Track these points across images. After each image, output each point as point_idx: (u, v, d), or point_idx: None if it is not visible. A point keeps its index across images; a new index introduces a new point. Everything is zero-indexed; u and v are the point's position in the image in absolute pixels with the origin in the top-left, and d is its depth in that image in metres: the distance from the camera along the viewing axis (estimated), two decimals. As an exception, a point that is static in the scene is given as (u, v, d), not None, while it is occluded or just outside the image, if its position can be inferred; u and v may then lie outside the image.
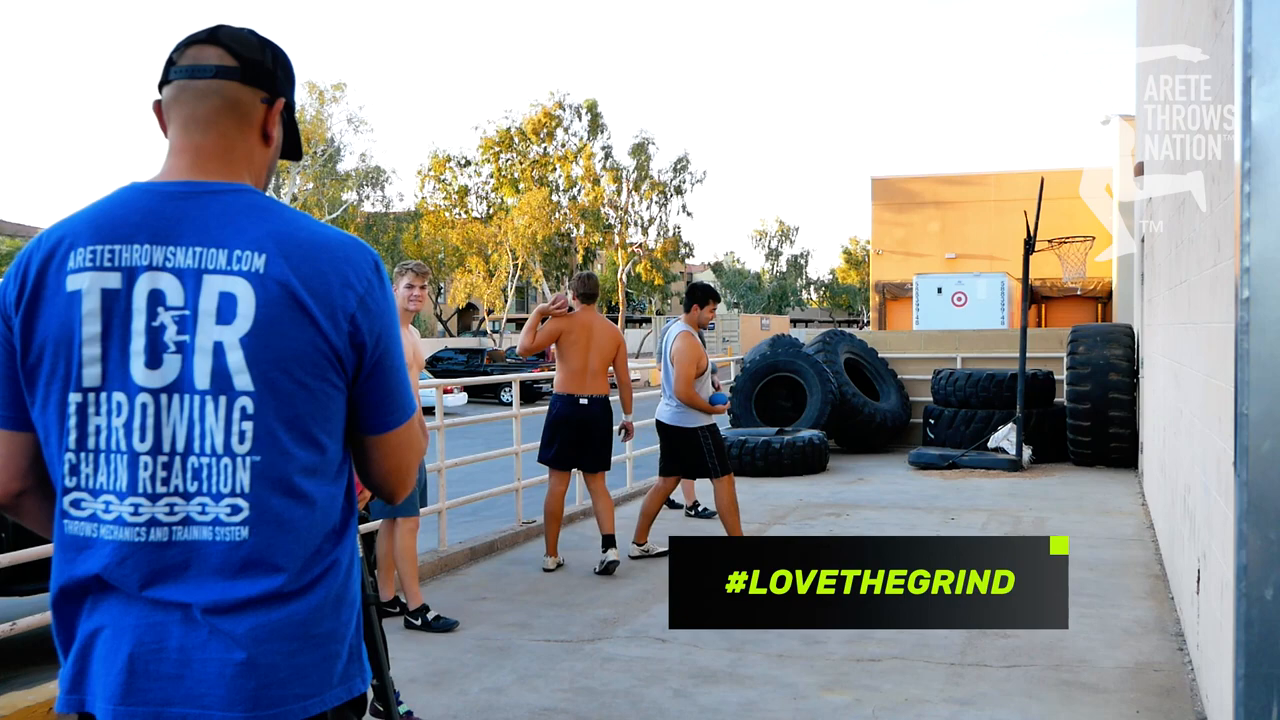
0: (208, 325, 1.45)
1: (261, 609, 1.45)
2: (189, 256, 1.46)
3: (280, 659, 1.45)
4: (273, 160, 1.64)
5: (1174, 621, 5.31)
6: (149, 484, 1.45)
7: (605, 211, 42.61)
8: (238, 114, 1.56)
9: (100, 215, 1.51)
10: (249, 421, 1.45)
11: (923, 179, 31.62)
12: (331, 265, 1.49)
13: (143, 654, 1.45)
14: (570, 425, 6.58)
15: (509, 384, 10.68)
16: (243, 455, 1.45)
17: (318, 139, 37.50)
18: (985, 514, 8.54)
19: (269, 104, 1.59)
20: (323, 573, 1.51)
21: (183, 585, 1.45)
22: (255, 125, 1.58)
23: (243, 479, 1.45)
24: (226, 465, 1.45)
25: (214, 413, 1.45)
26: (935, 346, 13.83)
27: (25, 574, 4.77)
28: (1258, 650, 2.20)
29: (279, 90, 1.60)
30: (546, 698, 4.40)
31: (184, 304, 1.45)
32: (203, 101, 1.54)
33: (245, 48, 1.57)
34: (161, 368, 1.45)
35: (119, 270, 1.47)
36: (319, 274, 1.48)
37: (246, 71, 1.56)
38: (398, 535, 5.42)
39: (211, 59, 1.55)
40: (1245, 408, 2.23)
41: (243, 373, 1.44)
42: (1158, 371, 7.43)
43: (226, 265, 1.45)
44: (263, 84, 1.58)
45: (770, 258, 69.16)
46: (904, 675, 4.59)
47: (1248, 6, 2.22)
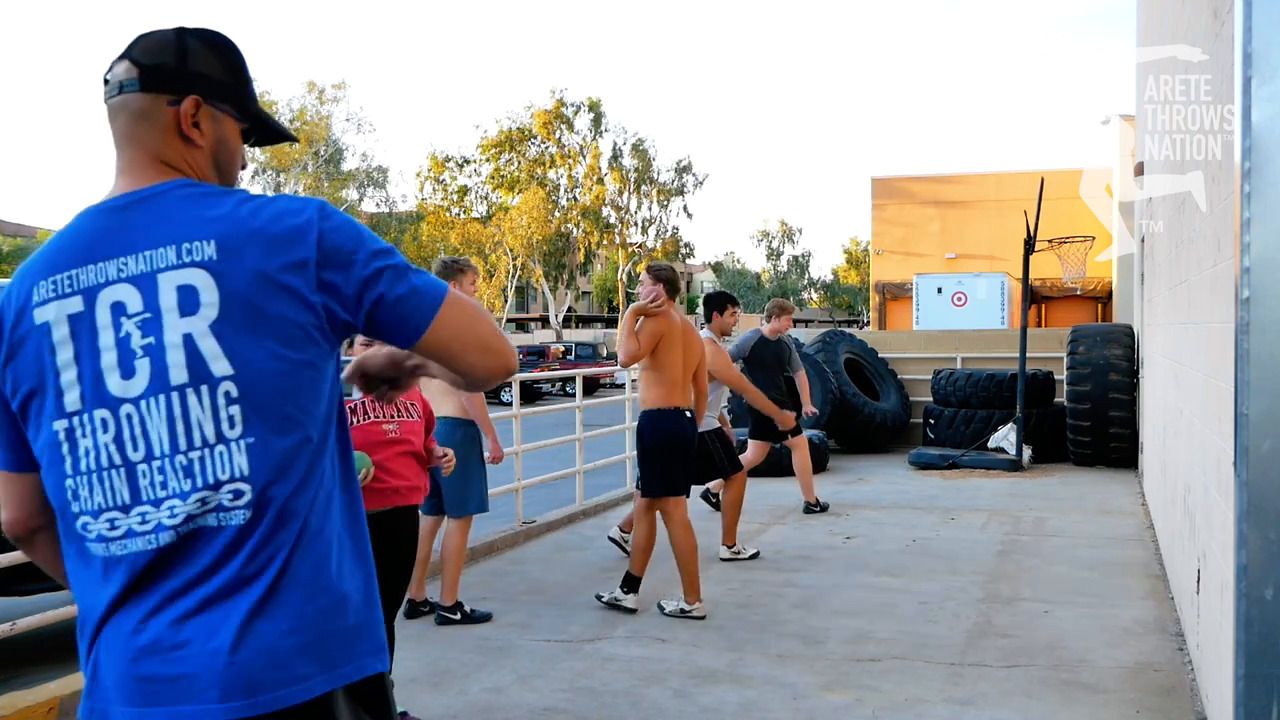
0: (173, 321, 1.45)
1: (260, 591, 1.45)
2: (140, 262, 1.47)
3: (277, 640, 1.44)
4: (216, 155, 1.61)
5: (1174, 621, 5.31)
6: (150, 491, 1.46)
7: (605, 212, 42.61)
8: (146, 123, 1.55)
9: (57, 245, 1.53)
10: (235, 405, 1.45)
11: (923, 179, 31.61)
12: (281, 232, 1.47)
13: (146, 656, 1.45)
14: (683, 444, 5.63)
15: (509, 384, 10.66)
16: (236, 439, 1.45)
17: (318, 139, 37.52)
18: (985, 514, 8.55)
19: (176, 104, 1.56)
20: (317, 550, 1.51)
21: (188, 581, 1.45)
22: (168, 129, 1.56)
23: (240, 463, 1.45)
24: (221, 453, 1.45)
25: (199, 403, 1.45)
26: (935, 346, 13.83)
27: (25, 574, 4.77)
28: (1258, 650, 2.20)
29: (189, 86, 1.57)
30: (546, 698, 4.40)
31: (144, 308, 1.46)
32: (117, 118, 1.56)
33: (152, 55, 1.56)
34: (135, 375, 1.46)
35: (79, 293, 1.48)
36: (272, 245, 1.46)
37: (146, 80, 1.55)
38: (448, 534, 5.51)
39: (119, 75, 1.56)
40: (1245, 408, 2.23)
41: (219, 358, 1.44)
42: (1158, 371, 7.43)
43: (178, 260, 1.46)
44: (165, 87, 1.56)
45: (772, 258, 69.21)
46: (904, 675, 4.59)
47: (1248, 6, 2.22)
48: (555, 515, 8.42)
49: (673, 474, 5.59)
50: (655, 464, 5.60)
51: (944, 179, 31.33)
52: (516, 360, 1.63)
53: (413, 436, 4.13)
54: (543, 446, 8.67)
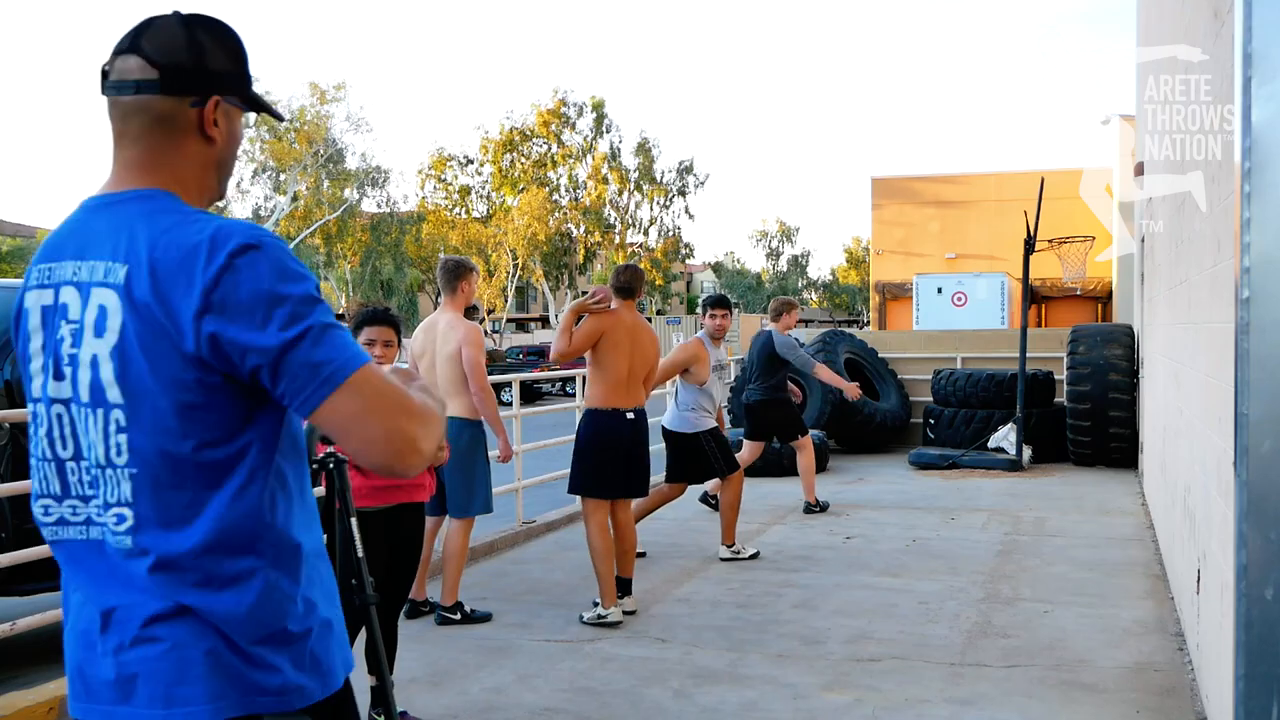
0: (89, 338, 1.46)
1: (140, 620, 1.45)
2: (85, 270, 1.48)
3: (161, 667, 1.44)
4: (223, 152, 1.59)
5: (1174, 621, 5.31)
6: (79, 487, 1.49)
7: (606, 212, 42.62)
8: (165, 126, 1.52)
9: (53, 234, 1.56)
10: (123, 434, 1.44)
11: (923, 179, 31.58)
12: (183, 269, 1.39)
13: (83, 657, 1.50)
14: (616, 445, 5.57)
15: (509, 384, 10.67)
16: (121, 466, 1.45)
17: (318, 139, 37.49)
18: (985, 514, 8.54)
19: (200, 105, 1.53)
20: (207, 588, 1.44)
21: (96, 587, 1.48)
22: (188, 130, 1.54)
23: (125, 490, 1.45)
24: (111, 475, 1.46)
25: (94, 426, 1.46)
26: (935, 346, 13.82)
27: (25, 574, 4.77)
28: (1258, 650, 2.20)
29: (211, 86, 1.54)
30: (546, 698, 4.40)
31: (78, 318, 1.47)
32: (129, 118, 1.52)
33: (167, 52, 1.51)
34: (63, 380, 1.48)
35: (51, 287, 1.51)
36: (171, 280, 1.40)
37: (167, 81, 1.51)
38: (450, 534, 5.52)
39: (132, 73, 1.51)
40: (1245, 408, 2.23)
41: (113, 386, 1.43)
42: (1158, 371, 7.42)
43: (103, 278, 1.45)
44: (188, 88, 1.52)
45: (771, 258, 69.22)
46: (904, 675, 4.59)
47: (1248, 6, 2.22)
48: (555, 515, 8.42)
49: (602, 474, 5.57)
50: (580, 462, 5.62)
51: (944, 179, 31.30)
52: (407, 461, 1.46)
53: None
54: (543, 446, 8.67)
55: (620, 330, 5.59)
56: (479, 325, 7.30)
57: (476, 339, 5.38)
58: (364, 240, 40.51)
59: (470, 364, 5.32)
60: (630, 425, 5.59)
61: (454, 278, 5.46)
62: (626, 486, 5.63)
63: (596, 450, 5.57)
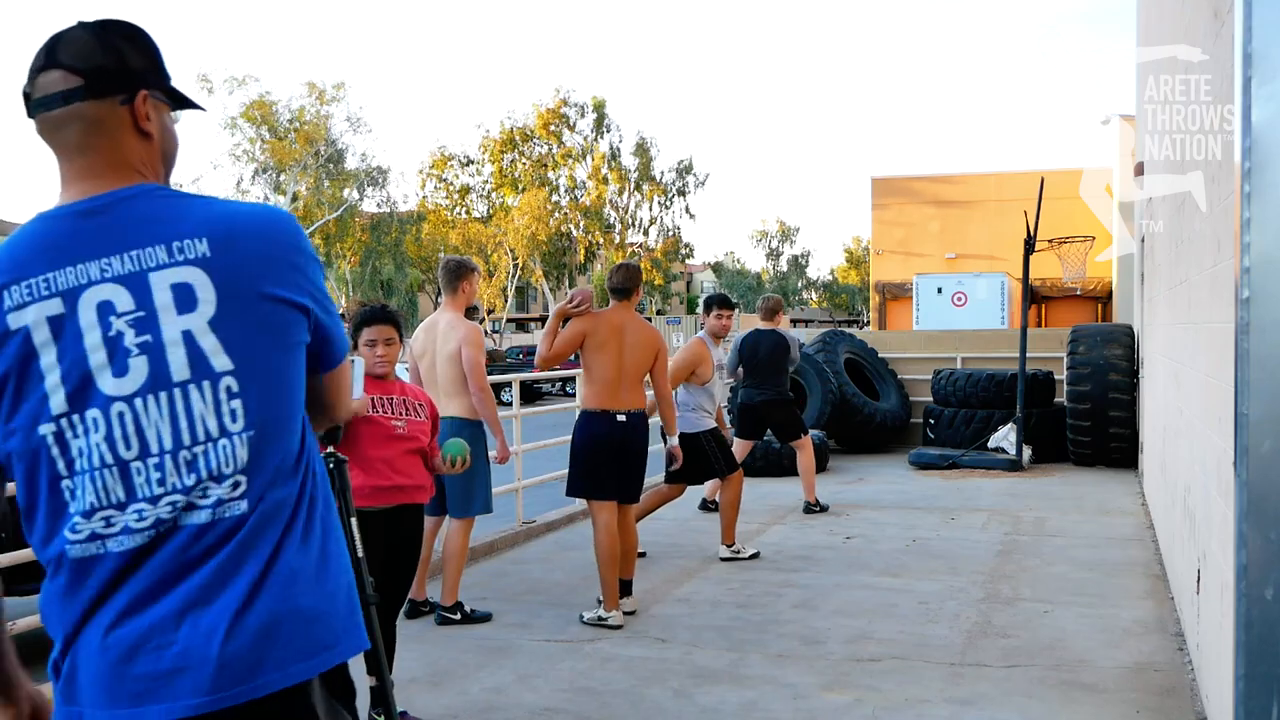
0: (170, 318, 1.47)
1: (249, 582, 1.47)
2: (127, 262, 1.48)
3: (264, 630, 1.47)
4: (164, 147, 1.62)
5: (1174, 621, 5.31)
6: (146, 488, 1.47)
7: (606, 212, 42.61)
8: (102, 129, 1.54)
9: (20, 251, 1.51)
10: (236, 400, 1.49)
11: (923, 179, 31.58)
12: (269, 234, 1.55)
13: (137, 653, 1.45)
14: (606, 448, 5.48)
15: (509, 384, 10.67)
16: (238, 432, 1.49)
17: (318, 139, 37.48)
18: (985, 514, 8.54)
19: (129, 102, 1.55)
20: (302, 543, 1.55)
21: (173, 574, 1.46)
22: (125, 130, 1.55)
23: (242, 455, 1.50)
24: (224, 446, 1.49)
25: (201, 399, 1.48)
26: (935, 346, 13.82)
27: (25, 574, 4.77)
28: (1258, 650, 2.20)
29: (135, 83, 1.56)
30: (546, 698, 4.40)
31: (136, 306, 1.47)
32: (65, 130, 1.54)
33: (85, 58, 1.52)
34: (130, 373, 1.47)
35: (58, 296, 1.48)
36: (261, 244, 1.53)
37: (92, 85, 1.52)
38: (450, 534, 5.52)
39: (56, 85, 1.52)
40: (1245, 408, 2.23)
41: (219, 353, 1.49)
42: (1158, 371, 7.42)
43: (170, 259, 1.48)
44: (113, 88, 1.54)
45: (771, 258, 69.21)
46: (904, 675, 4.59)
47: (1248, 6, 2.22)
48: (555, 515, 8.42)
49: (596, 476, 5.49)
50: (576, 464, 5.58)
51: (944, 179, 31.30)
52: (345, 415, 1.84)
53: (420, 435, 4.15)
54: (543, 446, 8.67)
55: (606, 331, 5.49)
56: (479, 325, 7.28)
57: (477, 339, 5.38)
58: (364, 240, 40.51)
59: (470, 364, 5.32)
60: (621, 428, 5.48)
61: (455, 278, 5.47)
62: (617, 489, 5.52)
63: (589, 453, 5.51)
